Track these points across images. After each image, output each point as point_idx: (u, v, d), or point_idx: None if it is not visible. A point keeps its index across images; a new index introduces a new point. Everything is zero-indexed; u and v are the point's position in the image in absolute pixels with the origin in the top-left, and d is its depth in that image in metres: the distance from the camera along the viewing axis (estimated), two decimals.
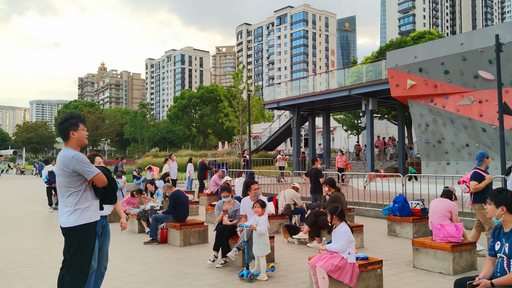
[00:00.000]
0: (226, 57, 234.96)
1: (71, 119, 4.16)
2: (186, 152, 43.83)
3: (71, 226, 3.99)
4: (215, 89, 59.35)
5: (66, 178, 4.01)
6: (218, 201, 7.24)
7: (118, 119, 70.23)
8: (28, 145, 77.46)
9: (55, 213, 13.59)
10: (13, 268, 6.70)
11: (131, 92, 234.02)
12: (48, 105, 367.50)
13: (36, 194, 21.49)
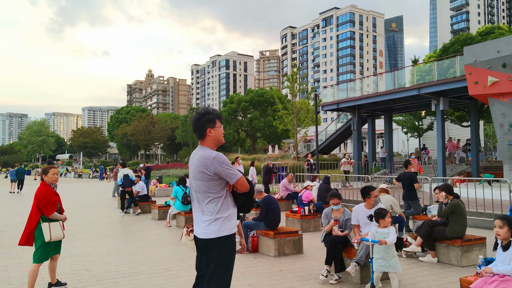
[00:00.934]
0: (269, 61, 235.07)
1: (208, 115, 3.60)
2: (237, 155, 43.49)
3: (211, 238, 3.42)
4: (264, 93, 58.96)
5: (206, 182, 3.45)
6: (325, 208, 6.54)
7: (168, 124, 71.37)
8: (83, 150, 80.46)
9: (127, 217, 13.44)
10: (110, 277, 6.31)
11: (177, 98, 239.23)
12: (99, 111, 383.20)
13: (101, 197, 21.75)
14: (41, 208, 5.39)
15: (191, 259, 7.43)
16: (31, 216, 5.46)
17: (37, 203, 5.38)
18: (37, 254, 5.36)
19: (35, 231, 5.36)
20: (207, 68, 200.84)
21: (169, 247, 8.63)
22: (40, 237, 5.34)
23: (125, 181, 13.79)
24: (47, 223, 5.37)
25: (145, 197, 14.91)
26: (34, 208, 5.42)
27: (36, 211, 5.39)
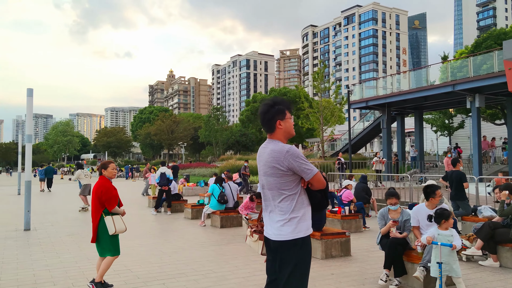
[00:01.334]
0: (290, 61, 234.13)
1: (277, 106, 3.29)
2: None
3: (287, 240, 3.11)
4: (287, 92, 58.48)
5: (279, 179, 3.14)
6: (381, 209, 6.16)
7: (191, 123, 71.64)
8: (108, 149, 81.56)
9: (159, 217, 13.28)
10: (155, 279, 6.08)
11: (198, 98, 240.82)
12: (121, 112, 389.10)
13: (130, 196, 21.75)
14: (103, 202, 5.38)
15: (234, 260, 7.16)
16: (93, 212, 5.42)
17: (99, 198, 5.37)
18: (110, 247, 5.39)
19: (98, 226, 5.36)
20: (227, 68, 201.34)
21: (209, 247, 8.37)
22: (105, 231, 5.35)
23: (161, 179, 13.63)
24: (110, 217, 5.39)
25: (177, 196, 14.74)
26: (95, 203, 5.40)
27: (98, 206, 5.39)
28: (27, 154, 11.06)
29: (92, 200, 5.47)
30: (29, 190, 11.00)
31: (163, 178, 13.70)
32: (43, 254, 7.81)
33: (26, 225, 10.76)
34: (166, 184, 13.77)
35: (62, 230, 10.67)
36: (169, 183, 13.88)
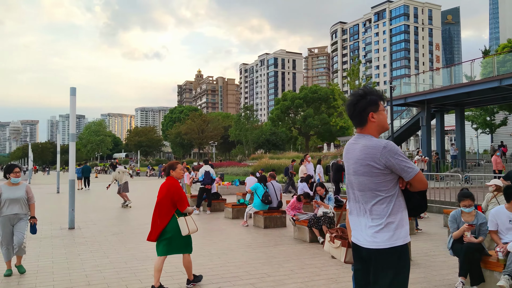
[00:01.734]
0: (318, 58, 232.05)
1: (369, 96, 2.91)
2: (291, 154, 42.80)
3: (384, 248, 2.75)
4: (318, 89, 57.72)
5: (374, 178, 2.77)
6: (453, 211, 5.70)
7: (221, 122, 71.83)
8: (139, 148, 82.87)
9: (200, 216, 13.11)
10: (210, 282, 5.83)
11: (226, 97, 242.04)
12: (151, 112, 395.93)
13: None
14: (175, 202, 5.37)
15: (288, 263, 6.84)
16: (162, 212, 5.35)
17: (171, 198, 5.35)
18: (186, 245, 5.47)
19: (167, 226, 5.32)
20: (255, 67, 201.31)
21: (256, 248, 8.08)
22: (177, 232, 5.35)
23: (206, 178, 13.45)
24: (183, 218, 5.40)
25: (216, 195, 14.56)
26: (166, 203, 5.36)
27: (169, 206, 5.36)
28: (71, 153, 11.08)
29: (160, 200, 5.41)
30: (73, 188, 11.03)
31: (208, 176, 13.52)
32: (91, 254, 7.71)
33: (71, 224, 10.78)
34: (210, 183, 13.61)
35: (106, 229, 10.63)
36: (212, 182, 13.72)
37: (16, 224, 6.19)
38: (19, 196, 6.22)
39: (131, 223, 11.80)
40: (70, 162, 11.14)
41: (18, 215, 6.22)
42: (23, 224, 6.25)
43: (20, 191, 6.29)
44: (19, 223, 6.21)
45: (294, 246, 8.27)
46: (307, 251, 7.83)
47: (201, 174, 13.75)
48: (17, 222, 6.20)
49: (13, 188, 6.27)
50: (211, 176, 13.79)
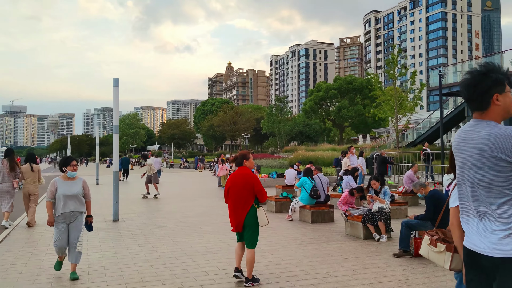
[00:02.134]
0: (350, 49, 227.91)
1: (494, 74, 2.40)
2: (326, 146, 42.04)
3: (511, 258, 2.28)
4: (353, 80, 56.43)
5: (503, 173, 2.27)
6: None
7: (253, 114, 71.57)
8: (172, 141, 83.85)
9: None
10: (269, 282, 5.48)
11: (256, 89, 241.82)
12: (182, 104, 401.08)
13: (205, 187, 21.72)
14: (256, 193, 5.28)
15: (347, 262, 6.41)
16: (242, 202, 5.25)
17: (251, 188, 5.25)
18: (255, 239, 5.35)
19: (245, 217, 5.24)
20: (286, 58, 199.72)
21: (309, 245, 7.68)
22: (255, 223, 5.27)
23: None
24: (261, 208, 5.30)
25: None
26: (245, 193, 5.25)
27: (249, 196, 5.25)
28: (114, 145, 10.99)
29: (240, 190, 5.28)
30: (117, 180, 10.93)
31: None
32: (139, 248, 7.52)
33: (115, 216, 10.70)
34: None
35: (150, 222, 10.49)
36: None
37: (72, 224, 5.66)
38: (76, 192, 5.66)
39: (175, 215, 11.63)
40: (114, 154, 11.05)
41: (74, 213, 5.65)
42: (79, 223, 5.72)
43: (77, 186, 5.72)
44: (75, 222, 5.67)
45: (349, 243, 7.82)
46: (363, 248, 7.37)
47: None
48: (73, 221, 5.66)
49: (69, 183, 5.70)
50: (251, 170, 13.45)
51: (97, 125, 23.69)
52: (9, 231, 9.30)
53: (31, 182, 9.91)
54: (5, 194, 9.72)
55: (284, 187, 16.63)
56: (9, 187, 9.72)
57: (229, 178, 5.63)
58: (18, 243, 8.06)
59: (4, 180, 9.71)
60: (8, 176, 9.69)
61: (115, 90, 10.91)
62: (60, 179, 5.72)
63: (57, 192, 5.60)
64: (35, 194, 9.95)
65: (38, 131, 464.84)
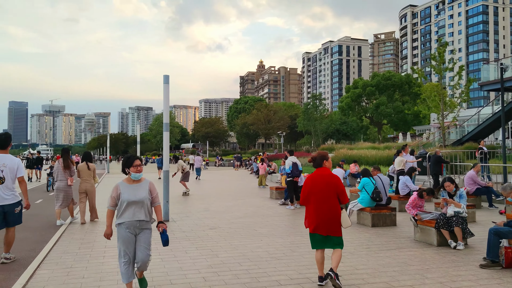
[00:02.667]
0: (385, 44, 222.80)
1: None
2: (365, 144, 40.88)
3: None
4: (392, 76, 54.70)
5: None
6: None
7: (288, 112, 70.77)
8: (206, 139, 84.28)
9: (294, 210, 12.33)
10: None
11: (288, 87, 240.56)
12: (214, 103, 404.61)
13: (246, 186, 21.37)
14: (338, 194, 5.19)
15: (430, 273, 5.80)
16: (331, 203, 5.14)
17: (335, 189, 5.16)
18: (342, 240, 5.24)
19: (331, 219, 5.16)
20: (318, 55, 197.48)
21: (379, 252, 7.09)
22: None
23: (294, 170, 12.67)
24: (344, 210, 5.27)
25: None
26: (330, 194, 5.16)
27: (333, 197, 5.17)
28: (165, 143, 10.73)
29: (319, 191, 5.16)
30: (168, 180, 10.67)
31: (296, 168, 12.71)
32: (198, 252, 7.16)
33: (165, 216, 10.44)
34: (299, 175, 12.78)
35: (200, 222, 10.16)
36: (300, 174, 12.88)
37: (139, 236, 4.71)
38: (142, 197, 4.69)
39: (224, 215, 11.27)
40: (164, 152, 10.79)
41: (142, 222, 4.70)
42: (148, 235, 4.77)
43: (143, 190, 4.75)
44: (142, 235, 4.73)
45: (422, 251, 7.18)
46: (442, 257, 6.72)
47: (289, 166, 12.93)
48: (139, 233, 4.72)
49: (134, 187, 4.72)
50: (299, 168, 12.96)
51: (137, 124, 23.67)
52: (62, 231, 9.19)
53: (87, 181, 10.12)
54: (61, 191, 9.87)
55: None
56: (64, 185, 9.88)
57: (308, 179, 5.38)
58: (73, 244, 7.88)
59: (59, 178, 9.91)
60: (63, 174, 9.86)
61: (166, 87, 10.64)
62: (124, 182, 4.80)
63: (121, 198, 4.66)
64: (91, 192, 10.18)
65: (76, 130, 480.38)
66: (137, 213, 4.66)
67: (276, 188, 15.44)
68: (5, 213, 6.38)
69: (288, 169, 12.83)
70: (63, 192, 9.87)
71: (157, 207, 4.92)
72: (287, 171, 12.91)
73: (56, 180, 9.95)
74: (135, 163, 4.78)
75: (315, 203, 5.17)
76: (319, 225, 5.13)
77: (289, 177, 12.86)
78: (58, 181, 9.91)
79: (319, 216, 5.12)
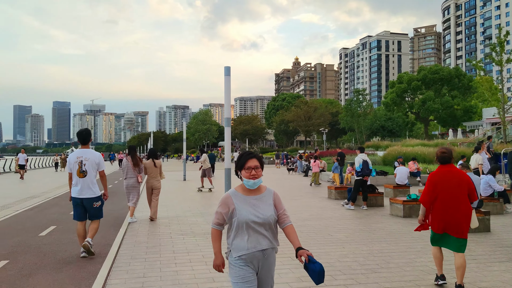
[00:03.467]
0: (425, 39, 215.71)
1: None
2: (414, 141, 39.01)
3: None
4: (440, 69, 52.10)
5: None
6: None
7: (329, 109, 69.11)
8: (245, 137, 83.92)
9: (362, 213, 11.36)
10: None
11: (325, 84, 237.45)
12: (249, 101, 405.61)
13: (296, 184, 20.52)
14: (468, 192, 4.88)
15: None
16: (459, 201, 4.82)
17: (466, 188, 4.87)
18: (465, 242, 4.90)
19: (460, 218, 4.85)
20: (356, 51, 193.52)
21: (490, 264, 6.05)
22: None
23: (364, 168, 11.72)
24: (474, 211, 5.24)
25: (371, 187, 12.67)
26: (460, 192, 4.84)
27: (463, 196, 4.85)
28: (226, 140, 9.97)
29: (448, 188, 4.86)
30: (229, 179, 9.87)
31: (366, 166, 11.73)
32: (279, 261, 6.32)
33: None
34: (369, 174, 11.81)
35: None
36: (370, 173, 11.89)
37: (263, 269, 3.12)
38: (267, 216, 3.09)
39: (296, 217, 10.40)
40: (226, 148, 10.05)
41: (266, 252, 3.09)
42: (273, 271, 3.20)
43: (265, 205, 3.13)
44: (267, 266, 3.13)
45: None
46: None
47: (359, 164, 11.95)
48: (263, 267, 3.12)
49: (254, 200, 3.12)
50: (369, 167, 11.97)
51: (184, 121, 23.17)
52: (123, 232, 8.66)
53: (154, 177, 10.15)
54: (131, 188, 9.90)
55: (395, 186, 14.90)
56: (134, 182, 9.89)
57: (434, 175, 5.01)
58: (139, 248, 7.27)
59: (129, 175, 9.91)
60: (133, 171, 9.88)
61: (227, 80, 9.85)
62: (238, 193, 3.18)
63: (236, 215, 3.08)
64: (157, 188, 10.19)
65: (116, 129, 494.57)
66: (259, 239, 3.07)
67: (336, 187, 14.48)
68: (86, 207, 6.61)
69: (358, 167, 11.88)
70: (134, 189, 9.88)
71: (289, 228, 3.17)
72: (356, 169, 11.95)
73: (126, 178, 9.92)
74: (248, 163, 3.14)
75: (444, 201, 4.86)
76: (448, 225, 4.82)
77: (358, 176, 11.89)
78: (127, 178, 9.90)
79: (449, 215, 4.82)
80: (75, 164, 6.53)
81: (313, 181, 19.77)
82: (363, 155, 12.10)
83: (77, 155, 6.58)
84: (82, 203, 6.56)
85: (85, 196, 6.52)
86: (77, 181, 6.51)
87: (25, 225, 9.60)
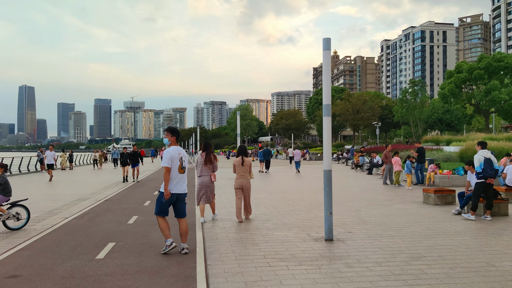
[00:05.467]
0: (471, 28, 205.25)
1: None
2: (478, 135, 35.51)
3: None
4: (504, 57, 47.67)
5: None
6: None
7: (379, 101, 65.52)
8: (287, 131, 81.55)
9: (485, 224, 8.86)
10: None
11: (365, 77, 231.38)
12: (286, 96, 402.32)
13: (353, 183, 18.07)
14: None
15: None
16: None
17: None
18: None
19: None
20: (399, 43, 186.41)
21: None
22: None
23: (486, 168, 9.21)
24: None
25: (495, 192, 10.08)
26: None
27: None
28: (325, 130, 7.78)
29: None
30: (330, 183, 7.65)
31: (490, 166, 9.20)
32: None
33: (328, 233, 7.48)
34: (494, 176, 9.27)
35: (380, 243, 7.03)
36: (496, 175, 9.35)
37: None
38: None
39: (399, 232, 8.01)
40: (324, 141, 7.86)
41: None
42: None
43: None
44: None
45: None
46: None
47: (479, 162, 9.43)
48: None
49: None
50: (495, 167, 9.42)
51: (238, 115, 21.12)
52: (201, 235, 6.64)
53: (243, 176, 9.47)
54: (203, 187, 9.30)
55: (507, 189, 12.20)
56: (208, 181, 9.30)
57: None
58: (227, 254, 5.16)
59: (203, 174, 9.32)
60: (206, 169, 9.28)
61: (326, 54, 7.73)
62: None
63: None
64: (247, 188, 9.51)
65: (155, 125, 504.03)
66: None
67: (435, 191, 11.94)
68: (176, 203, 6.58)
69: (479, 167, 9.35)
70: (205, 188, 9.25)
71: None
72: (477, 170, 9.43)
73: (200, 176, 9.32)
74: None
75: None
76: None
77: (479, 178, 9.38)
78: (202, 176, 9.30)
79: None
80: (177, 160, 6.55)
81: (396, 181, 17.22)
82: (484, 152, 9.57)
83: (178, 151, 6.62)
84: (175, 199, 6.58)
85: (181, 191, 6.62)
86: (176, 176, 6.53)
87: (77, 241, 7.72)
